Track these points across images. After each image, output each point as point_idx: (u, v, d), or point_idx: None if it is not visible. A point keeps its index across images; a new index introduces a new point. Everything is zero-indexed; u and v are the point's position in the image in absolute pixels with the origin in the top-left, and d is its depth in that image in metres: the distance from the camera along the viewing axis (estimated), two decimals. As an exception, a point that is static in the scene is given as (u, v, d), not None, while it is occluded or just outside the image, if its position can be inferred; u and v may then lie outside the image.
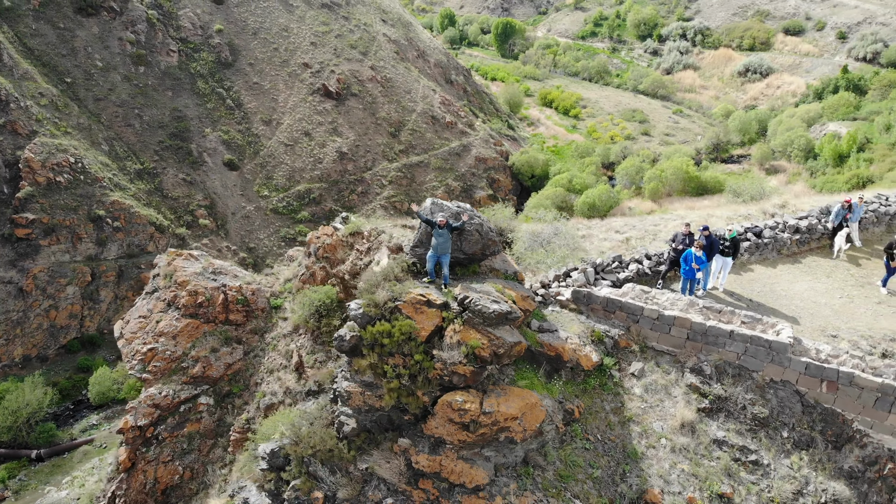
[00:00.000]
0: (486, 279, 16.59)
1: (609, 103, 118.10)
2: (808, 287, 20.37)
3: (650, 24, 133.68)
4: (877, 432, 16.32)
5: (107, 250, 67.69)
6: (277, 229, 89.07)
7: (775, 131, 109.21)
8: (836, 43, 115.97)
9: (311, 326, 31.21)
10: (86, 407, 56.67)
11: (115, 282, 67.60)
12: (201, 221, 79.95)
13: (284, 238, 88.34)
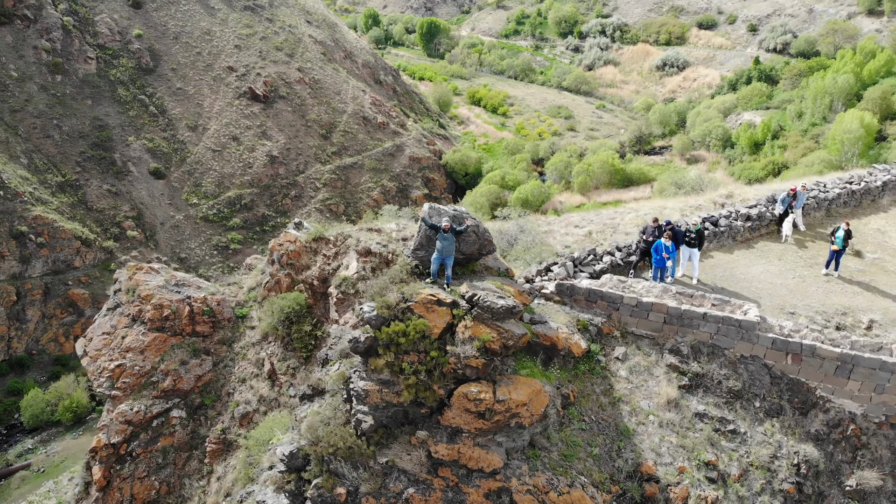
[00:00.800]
0: (484, 277, 17.82)
1: (535, 100, 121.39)
2: (763, 270, 22.56)
3: (570, 21, 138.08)
4: (838, 397, 18.48)
5: (31, 268, 65.28)
6: (209, 238, 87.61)
7: (694, 123, 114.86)
8: (747, 35, 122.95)
9: (280, 334, 31.68)
10: (19, 431, 54.84)
11: (41, 300, 65.26)
12: (129, 233, 77.94)
13: (217, 246, 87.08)
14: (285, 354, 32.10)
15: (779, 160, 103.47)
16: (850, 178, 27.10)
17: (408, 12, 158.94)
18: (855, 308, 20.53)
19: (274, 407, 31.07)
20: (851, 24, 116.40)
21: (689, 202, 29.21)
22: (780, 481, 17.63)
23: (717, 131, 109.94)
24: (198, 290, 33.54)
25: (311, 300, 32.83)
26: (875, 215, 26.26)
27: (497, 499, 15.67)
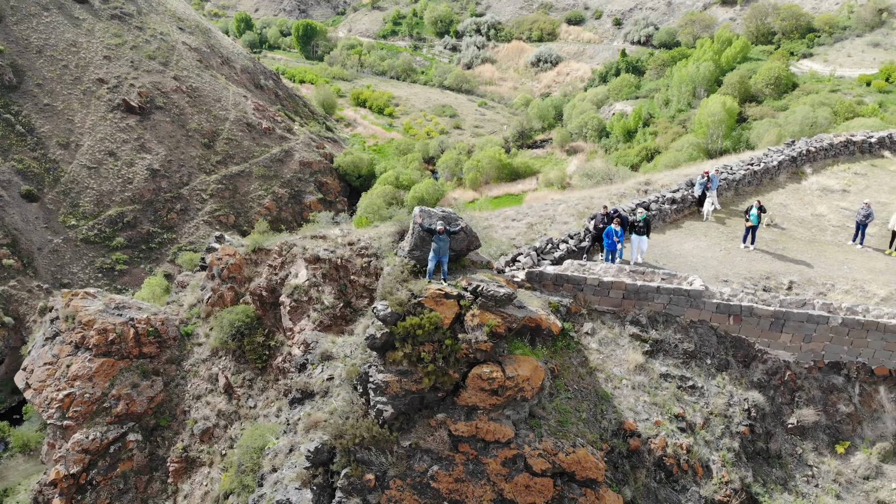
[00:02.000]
0: (475, 270, 19.93)
1: (419, 100, 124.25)
2: (693, 246, 26.07)
3: (446, 20, 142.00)
4: (773, 349, 22.09)
5: None
6: (92, 260, 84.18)
7: (570, 115, 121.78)
8: (613, 29, 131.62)
9: (232, 347, 32.43)
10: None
11: (-84, 340, 60.86)
12: (4, 262, 73.76)
13: (101, 269, 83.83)
14: (239, 367, 32.89)
15: (651, 146, 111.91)
16: (751, 161, 31.40)
17: (281, 15, 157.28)
18: (775, 272, 24.37)
19: (234, 420, 31.83)
20: (708, 15, 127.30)
21: (611, 191, 32.60)
22: (736, 425, 20.97)
23: (593, 122, 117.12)
24: (139, 312, 33.65)
25: (261, 311, 33.72)
26: (775, 191, 30.65)
27: (513, 465, 17.86)
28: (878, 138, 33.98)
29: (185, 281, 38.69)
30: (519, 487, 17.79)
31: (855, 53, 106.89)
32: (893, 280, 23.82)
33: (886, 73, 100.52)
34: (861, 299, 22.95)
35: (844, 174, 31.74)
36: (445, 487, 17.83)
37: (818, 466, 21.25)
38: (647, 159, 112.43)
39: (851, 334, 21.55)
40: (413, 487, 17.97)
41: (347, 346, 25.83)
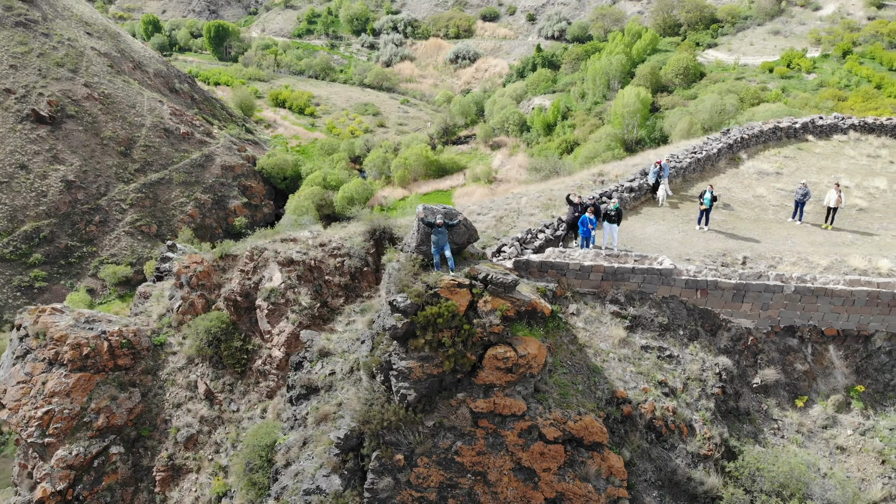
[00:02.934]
0: (477, 261, 21.78)
1: (340, 99, 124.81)
2: (654, 229, 28.79)
3: (362, 18, 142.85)
4: (735, 318, 24.96)
5: None
6: (9, 279, 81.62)
7: (491, 111, 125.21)
8: (527, 25, 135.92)
9: (208, 354, 33.17)
10: None
11: None
12: (-81, 285, 70.53)
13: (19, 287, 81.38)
14: (217, 373, 33.70)
15: (570, 138, 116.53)
16: (694, 149, 34.53)
17: (190, 16, 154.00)
18: (730, 249, 27.36)
19: (217, 425, 32.69)
20: (617, 9, 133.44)
21: (568, 182, 35.11)
22: (710, 387, 23.71)
23: (514, 117, 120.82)
24: (110, 324, 33.95)
25: (235, 316, 34.57)
26: (718, 176, 33.88)
27: (528, 435, 19.87)
28: (802, 124, 37.89)
29: (147, 292, 38.82)
30: (535, 455, 19.81)
31: (757, 42, 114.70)
32: (833, 251, 27.22)
33: (787, 60, 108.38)
34: (807, 269, 26.18)
35: (776, 158, 35.38)
36: (469, 461, 19.66)
37: (782, 420, 24.27)
38: (567, 151, 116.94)
39: (803, 300, 24.68)
40: (438, 463, 19.71)
41: (343, 342, 27.27)
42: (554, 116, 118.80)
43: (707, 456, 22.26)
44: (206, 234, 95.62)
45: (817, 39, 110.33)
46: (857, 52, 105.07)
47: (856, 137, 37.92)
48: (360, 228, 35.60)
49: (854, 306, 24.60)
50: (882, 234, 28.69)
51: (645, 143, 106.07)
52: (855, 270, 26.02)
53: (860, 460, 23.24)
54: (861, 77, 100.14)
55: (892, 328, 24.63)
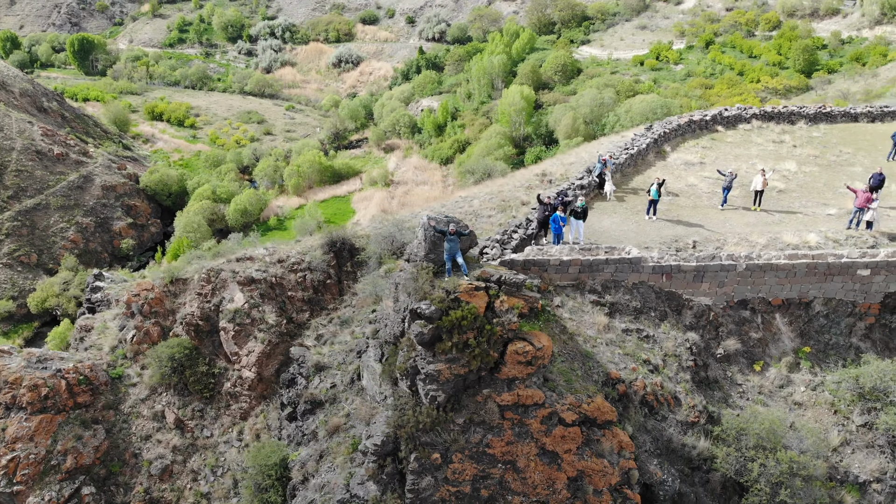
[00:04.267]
0: (475, 265, 23.30)
1: (221, 108, 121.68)
2: (610, 222, 31.38)
3: (237, 25, 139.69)
4: (696, 297, 27.89)
5: None
6: None
7: (381, 114, 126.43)
8: (407, 27, 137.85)
9: (173, 381, 32.96)
10: None
11: None
12: None
13: None
14: (184, 400, 33.58)
15: (461, 138, 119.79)
16: (627, 145, 37.55)
17: (50, 30, 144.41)
18: (680, 235, 30.36)
19: (192, 453, 32.58)
20: (493, 9, 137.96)
21: (515, 183, 37.22)
22: (685, 361, 26.47)
23: (404, 119, 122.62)
24: (63, 362, 33.06)
25: (197, 341, 34.45)
26: (650, 169, 37.06)
27: (549, 421, 21.67)
28: (712, 116, 41.94)
29: (88, 325, 37.44)
30: (556, 438, 21.64)
31: (627, 37, 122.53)
32: (766, 230, 30.81)
33: (656, 53, 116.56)
34: (749, 248, 29.54)
35: (696, 149, 39.10)
36: (499, 451, 21.21)
37: (745, 384, 27.44)
38: (459, 151, 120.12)
39: (753, 276, 27.95)
40: (471, 457, 21.13)
41: (337, 355, 28.04)
42: (444, 117, 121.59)
43: (694, 423, 24.96)
44: (92, 259, 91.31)
45: (682, 32, 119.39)
46: (719, 42, 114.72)
47: (758, 125, 42.45)
48: (318, 241, 36.16)
49: (795, 277, 28.16)
50: (803, 212, 32.71)
51: (533, 140, 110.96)
52: (789, 246, 29.68)
53: (816, 413, 26.76)
54: (724, 65, 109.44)
55: (828, 294, 28.40)
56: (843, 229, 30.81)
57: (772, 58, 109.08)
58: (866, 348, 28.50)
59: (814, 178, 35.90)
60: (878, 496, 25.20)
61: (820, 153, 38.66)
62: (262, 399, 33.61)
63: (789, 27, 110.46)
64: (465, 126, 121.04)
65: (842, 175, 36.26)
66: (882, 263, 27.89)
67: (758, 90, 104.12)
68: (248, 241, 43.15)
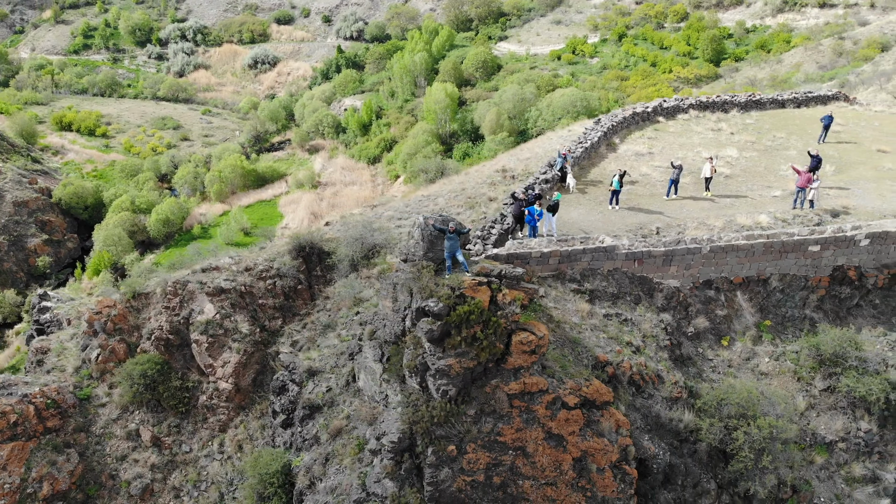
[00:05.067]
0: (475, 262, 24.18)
1: (134, 115, 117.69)
2: (577, 214, 32.82)
3: (145, 29, 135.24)
4: (665, 279, 29.67)
5: None
6: None
7: (302, 115, 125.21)
8: (324, 27, 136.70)
9: (146, 399, 32.55)
10: None
11: None
12: None
13: None
14: (158, 417, 33.25)
15: (388, 136, 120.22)
16: (580, 140, 39.15)
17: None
18: (643, 223, 32.11)
19: (172, 469, 32.34)
20: (410, 7, 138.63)
21: (479, 180, 38.23)
22: (661, 341, 28.19)
23: (327, 119, 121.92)
24: (28, 386, 32.23)
25: (167, 356, 34.06)
26: (603, 161, 38.79)
27: (553, 405, 22.80)
28: (652, 107, 44.15)
29: (44, 346, 36.16)
30: (560, 422, 22.80)
31: (543, 32, 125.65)
32: (721, 213, 32.91)
33: (572, 47, 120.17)
34: (708, 231, 31.58)
35: (642, 140, 41.16)
36: (509, 438, 22.20)
37: (715, 359, 29.42)
38: (387, 149, 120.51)
39: (716, 257, 29.96)
40: (484, 447, 22.03)
41: (328, 359, 28.37)
42: (368, 116, 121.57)
43: (678, 398, 26.66)
44: (7, 280, 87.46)
45: (595, 26, 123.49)
46: (631, 34, 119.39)
47: (695, 115, 44.99)
48: (286, 247, 36.16)
49: (753, 256, 30.35)
50: (751, 195, 35.09)
51: (459, 136, 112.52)
52: (743, 227, 31.87)
53: (781, 381, 28.99)
54: (638, 57, 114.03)
55: (783, 270, 30.73)
56: (789, 209, 33.30)
57: (682, 48, 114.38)
58: (819, 318, 31.01)
59: (755, 163, 38.51)
60: (844, 454, 27.63)
61: (756, 139, 41.44)
62: (240, 409, 33.44)
63: (696, 18, 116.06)
64: (391, 124, 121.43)
65: (779, 158, 39.04)
66: (830, 239, 30.42)
67: (670, 80, 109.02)
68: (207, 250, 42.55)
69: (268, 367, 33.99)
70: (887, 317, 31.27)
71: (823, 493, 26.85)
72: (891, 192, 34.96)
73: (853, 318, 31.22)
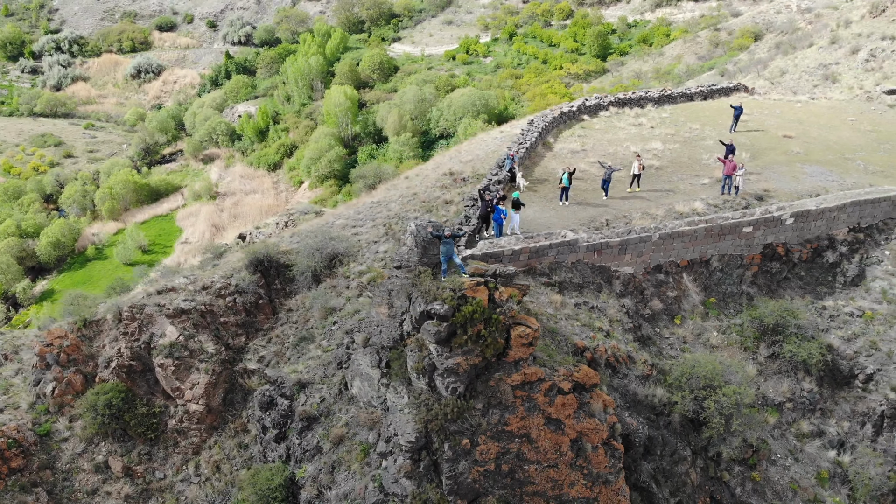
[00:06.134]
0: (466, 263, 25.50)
1: (11, 134, 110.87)
2: (532, 212, 34.70)
3: (17, 42, 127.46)
4: (621, 267, 32.09)
5: None
6: None
7: (194, 124, 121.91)
8: (209, 32, 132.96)
9: (111, 429, 32.17)
10: None
11: None
12: None
13: None
14: (126, 447, 33.04)
15: (287, 142, 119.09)
16: (521, 141, 41.08)
17: None
18: (593, 216, 34.43)
19: (147, 498, 32.12)
20: (299, 10, 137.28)
21: (428, 184, 39.47)
22: (626, 323, 30.53)
23: (221, 127, 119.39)
24: None
25: (129, 383, 33.67)
26: (542, 159, 40.89)
27: (550, 392, 24.48)
28: (577, 106, 46.79)
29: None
30: (558, 407, 24.52)
31: (435, 33, 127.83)
32: (660, 202, 35.65)
33: (465, 47, 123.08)
34: (653, 220, 34.28)
35: (573, 138, 43.65)
36: (515, 427, 23.70)
37: (671, 337, 32.11)
38: (287, 155, 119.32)
39: (664, 244, 32.66)
40: (493, 437, 23.43)
41: (316, 370, 28.93)
42: (264, 122, 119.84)
43: (648, 375, 29.03)
44: None
45: (486, 25, 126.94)
46: (521, 33, 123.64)
47: (615, 112, 48.03)
48: (241, 262, 36.10)
49: (696, 240, 33.29)
50: (682, 184, 38.17)
51: (362, 138, 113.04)
52: (682, 214, 34.81)
53: (729, 352, 32.01)
54: (529, 55, 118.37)
55: (722, 251, 33.87)
56: (718, 195, 36.59)
57: (570, 45, 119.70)
58: (754, 293, 34.40)
59: (679, 154, 41.81)
60: (792, 413, 30.96)
61: (675, 131, 44.89)
62: (213, 430, 33.29)
63: (581, 15, 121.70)
64: (289, 129, 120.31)
65: (698, 149, 42.59)
66: (760, 220, 33.83)
67: (562, 76, 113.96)
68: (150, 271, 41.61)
69: (236, 385, 34.01)
70: (812, 287, 35.12)
71: (779, 449, 30.04)
72: (802, 174, 39.08)
73: (783, 290, 34.83)
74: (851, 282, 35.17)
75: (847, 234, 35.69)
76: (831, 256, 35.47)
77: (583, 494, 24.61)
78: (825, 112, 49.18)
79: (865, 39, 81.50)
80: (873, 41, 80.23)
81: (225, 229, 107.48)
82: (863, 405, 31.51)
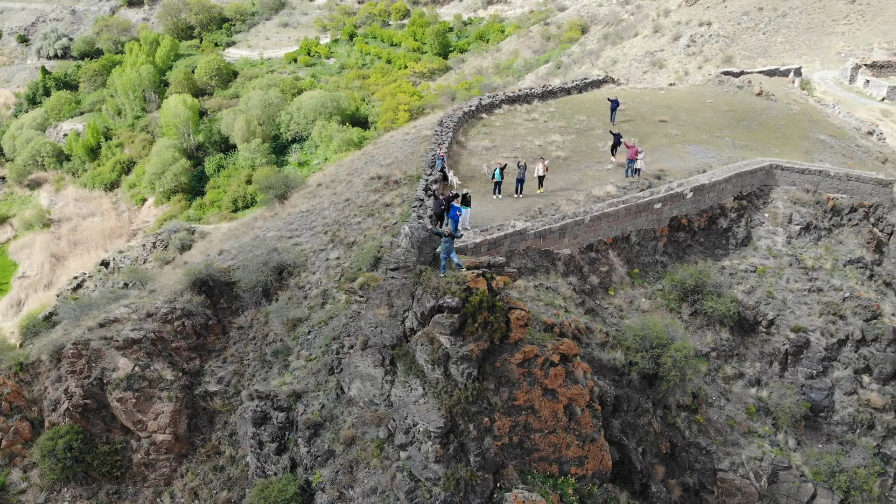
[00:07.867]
0: (451, 257, 27.63)
1: None
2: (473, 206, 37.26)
3: None
4: (561, 249, 35.65)
5: None
6: None
7: (13, 146, 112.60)
8: (21, 47, 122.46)
9: (73, 473, 31.60)
10: None
11: None
12: None
13: None
14: (91, 489, 32.61)
15: (124, 158, 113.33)
16: (440, 141, 43.33)
17: None
18: (526, 206, 37.66)
19: None
20: (120, 18, 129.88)
21: (355, 190, 40.74)
22: (576, 299, 34.06)
23: (46, 148, 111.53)
24: None
25: (84, 422, 33.02)
26: (461, 157, 43.23)
27: (545, 366, 27.30)
28: (475, 105, 49.76)
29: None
30: (552, 378, 27.42)
31: (272, 35, 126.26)
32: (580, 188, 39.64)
33: (306, 49, 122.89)
34: (576, 205, 38.05)
35: (480, 135, 46.54)
36: (522, 401, 26.31)
37: (609, 307, 36.09)
38: (124, 172, 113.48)
39: (594, 225, 36.57)
40: (505, 413, 25.89)
41: (307, 379, 29.85)
42: (95, 139, 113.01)
43: (606, 342, 32.71)
44: None
45: (324, 27, 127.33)
46: (361, 33, 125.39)
47: (508, 109, 51.58)
48: (181, 286, 35.72)
49: (619, 219, 37.55)
50: (590, 171, 42.34)
51: (207, 148, 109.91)
52: (598, 198, 38.96)
53: (659, 314, 36.52)
54: (373, 55, 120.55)
55: (638, 227, 38.40)
56: (624, 178, 41.18)
57: (411, 44, 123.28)
58: (666, 261, 39.33)
59: (577, 144, 46.17)
60: (717, 361, 36.04)
61: (566, 124, 49.30)
62: (182, 458, 32.97)
63: (418, 14, 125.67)
64: (124, 144, 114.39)
65: (591, 138, 47.21)
66: (667, 197, 38.76)
67: (407, 75, 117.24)
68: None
69: (199, 409, 33.83)
70: (711, 250, 40.65)
71: (713, 393, 34.96)
72: (685, 153, 44.77)
73: (689, 255, 40.07)
74: (741, 242, 41.14)
75: (734, 202, 41.65)
76: (724, 223, 41.24)
77: (577, 454, 27.73)
78: (686, 97, 55.99)
79: (685, 27, 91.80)
80: (692, 28, 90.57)
81: (66, 258, 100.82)
82: (769, 346, 37.28)
